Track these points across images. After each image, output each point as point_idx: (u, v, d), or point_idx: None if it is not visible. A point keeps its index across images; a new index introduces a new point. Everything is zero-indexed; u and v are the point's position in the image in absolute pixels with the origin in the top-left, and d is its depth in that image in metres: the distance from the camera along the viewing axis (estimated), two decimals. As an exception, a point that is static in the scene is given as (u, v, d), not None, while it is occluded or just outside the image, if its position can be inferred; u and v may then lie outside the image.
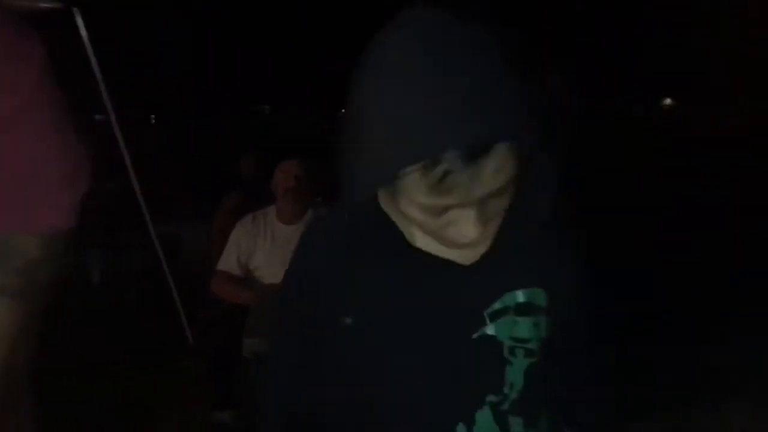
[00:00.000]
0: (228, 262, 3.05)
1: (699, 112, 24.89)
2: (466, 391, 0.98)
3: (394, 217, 0.97)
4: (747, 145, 12.63)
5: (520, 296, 1.00)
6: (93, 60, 3.84)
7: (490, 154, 0.81)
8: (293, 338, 1.08)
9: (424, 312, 0.97)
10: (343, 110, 0.90)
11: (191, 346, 4.13)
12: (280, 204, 3.04)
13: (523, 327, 1.00)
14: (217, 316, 3.38)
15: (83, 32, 3.78)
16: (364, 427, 1.01)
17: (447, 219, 0.88)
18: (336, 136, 0.89)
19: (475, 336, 0.98)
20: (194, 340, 3.85)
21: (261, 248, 3.00)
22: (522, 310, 1.00)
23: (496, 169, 0.82)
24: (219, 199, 4.30)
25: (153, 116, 20.60)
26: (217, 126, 19.49)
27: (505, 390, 0.99)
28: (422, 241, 0.96)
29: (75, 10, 3.71)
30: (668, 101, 36.67)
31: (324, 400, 1.05)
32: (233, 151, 5.22)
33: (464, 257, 0.95)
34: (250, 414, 3.11)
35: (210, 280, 3.08)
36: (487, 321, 0.99)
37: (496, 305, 0.99)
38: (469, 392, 0.98)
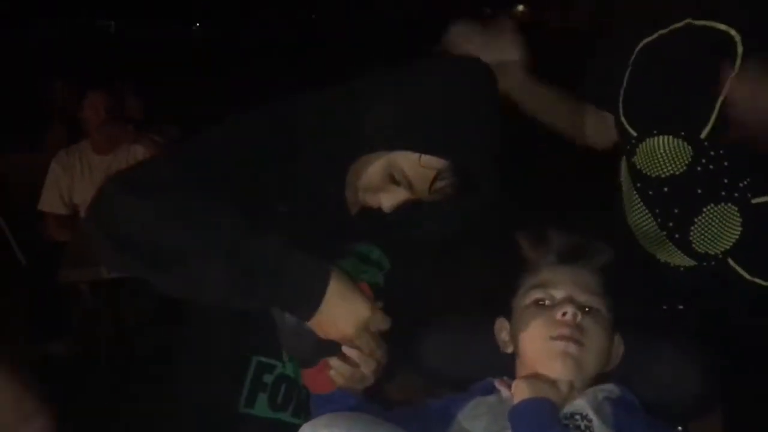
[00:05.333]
0: (51, 202, 3.05)
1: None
2: None
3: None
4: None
5: (363, 248, 1.34)
6: None
7: None
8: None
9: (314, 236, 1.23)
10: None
11: (25, 271, 3.86)
12: (93, 136, 3.08)
13: (358, 269, 1.31)
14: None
15: None
16: None
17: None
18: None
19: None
20: (27, 263, 3.60)
21: (79, 183, 3.02)
22: (362, 257, 1.34)
23: None
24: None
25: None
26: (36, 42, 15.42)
27: None
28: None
29: None
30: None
31: None
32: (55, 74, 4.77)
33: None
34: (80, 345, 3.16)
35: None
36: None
37: (349, 247, 1.32)
38: None
